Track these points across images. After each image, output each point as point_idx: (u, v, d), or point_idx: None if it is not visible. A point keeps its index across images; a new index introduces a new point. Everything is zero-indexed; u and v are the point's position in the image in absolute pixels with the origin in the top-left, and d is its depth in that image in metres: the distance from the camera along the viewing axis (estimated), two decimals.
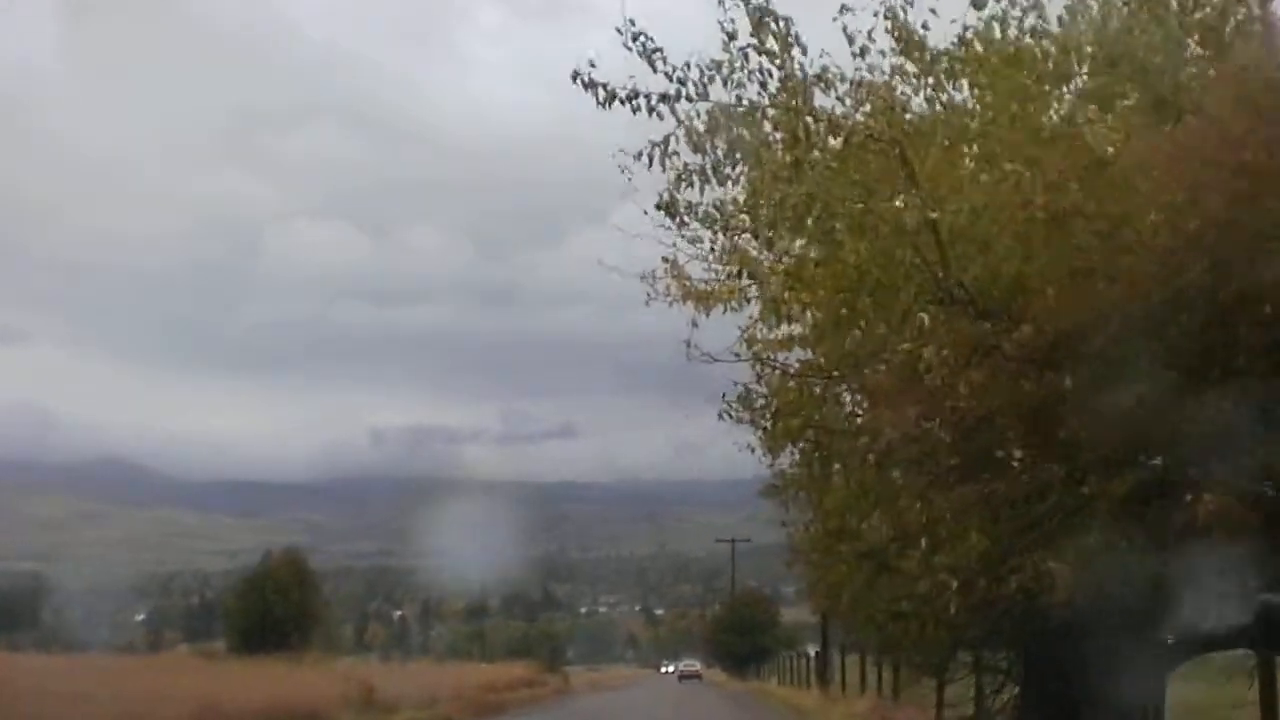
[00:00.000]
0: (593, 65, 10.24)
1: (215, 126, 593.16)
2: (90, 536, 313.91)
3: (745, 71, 10.21)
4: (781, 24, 9.98)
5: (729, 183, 11.12)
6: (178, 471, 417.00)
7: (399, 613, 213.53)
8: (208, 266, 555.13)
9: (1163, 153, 8.51)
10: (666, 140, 10.52)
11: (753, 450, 14.19)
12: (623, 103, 10.19)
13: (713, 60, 10.17)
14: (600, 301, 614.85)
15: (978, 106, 10.58)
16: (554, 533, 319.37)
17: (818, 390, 12.77)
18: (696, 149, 10.47)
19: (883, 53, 10.44)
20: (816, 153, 10.08)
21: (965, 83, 10.61)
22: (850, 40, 10.27)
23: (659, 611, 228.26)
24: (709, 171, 10.68)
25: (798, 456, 13.69)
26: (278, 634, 46.39)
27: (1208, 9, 10.11)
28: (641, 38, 10.12)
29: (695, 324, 12.83)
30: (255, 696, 22.69)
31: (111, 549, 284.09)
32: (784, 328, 12.20)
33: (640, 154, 10.72)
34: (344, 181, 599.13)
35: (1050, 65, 10.21)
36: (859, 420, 11.83)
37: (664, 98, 10.20)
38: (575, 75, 10.28)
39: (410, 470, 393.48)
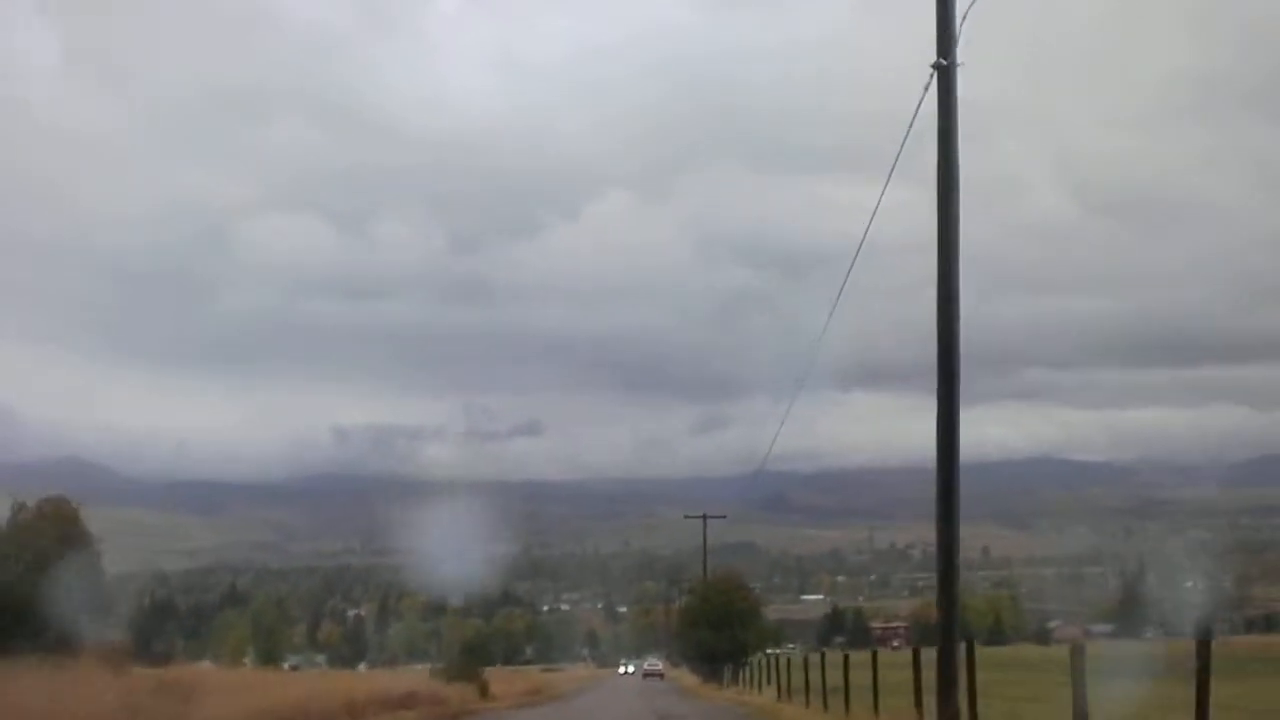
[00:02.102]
0: None
1: (182, 117, 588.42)
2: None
3: None
4: None
5: None
6: (138, 471, 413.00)
7: (353, 611, 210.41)
8: (171, 263, 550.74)
9: None
10: None
11: None
12: None
13: None
14: (567, 298, 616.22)
15: None
16: (518, 530, 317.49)
17: None
18: None
19: None
20: None
21: None
22: None
23: (622, 609, 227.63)
24: None
25: None
26: (31, 625, 31.57)
27: None
28: None
29: None
30: None
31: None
32: None
33: None
34: (309, 174, 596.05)
35: None
36: None
37: None
38: None
39: (374, 469, 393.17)
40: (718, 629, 63.92)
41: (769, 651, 60.33)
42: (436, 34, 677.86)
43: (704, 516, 74.12)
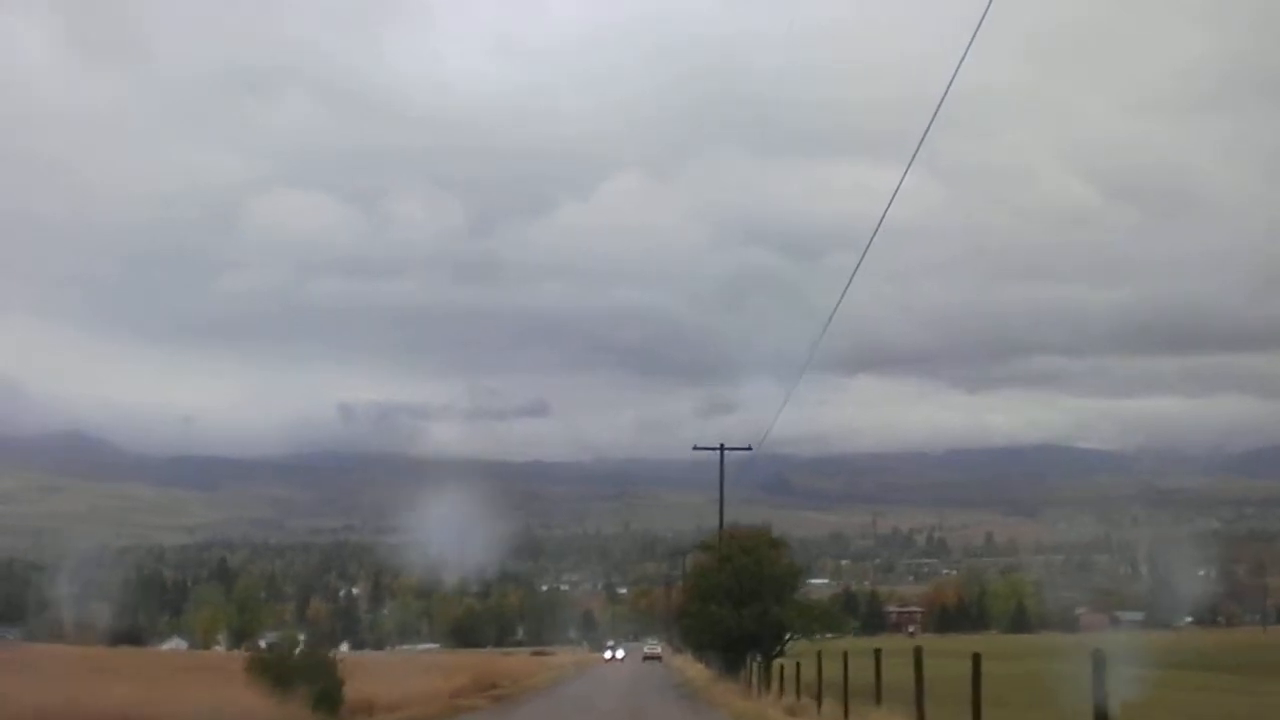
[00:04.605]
0: None
1: (191, 96, 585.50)
2: (47, 510, 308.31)
3: None
4: None
5: None
6: (141, 446, 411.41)
7: (344, 590, 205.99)
8: (178, 238, 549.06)
9: None
10: None
11: None
12: None
13: None
14: (574, 277, 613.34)
15: None
16: (520, 510, 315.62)
17: None
18: None
19: None
20: None
21: None
22: None
23: (622, 590, 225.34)
24: None
25: None
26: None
27: None
28: None
29: None
30: None
31: (68, 523, 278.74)
32: None
33: None
34: (317, 154, 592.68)
35: None
36: None
37: None
38: None
39: (378, 447, 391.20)
40: (741, 603, 42.69)
41: (821, 638, 40.90)
42: (443, 16, 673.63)
43: (720, 447, 53.76)
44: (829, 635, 41.05)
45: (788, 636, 42.06)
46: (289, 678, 22.97)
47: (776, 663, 37.03)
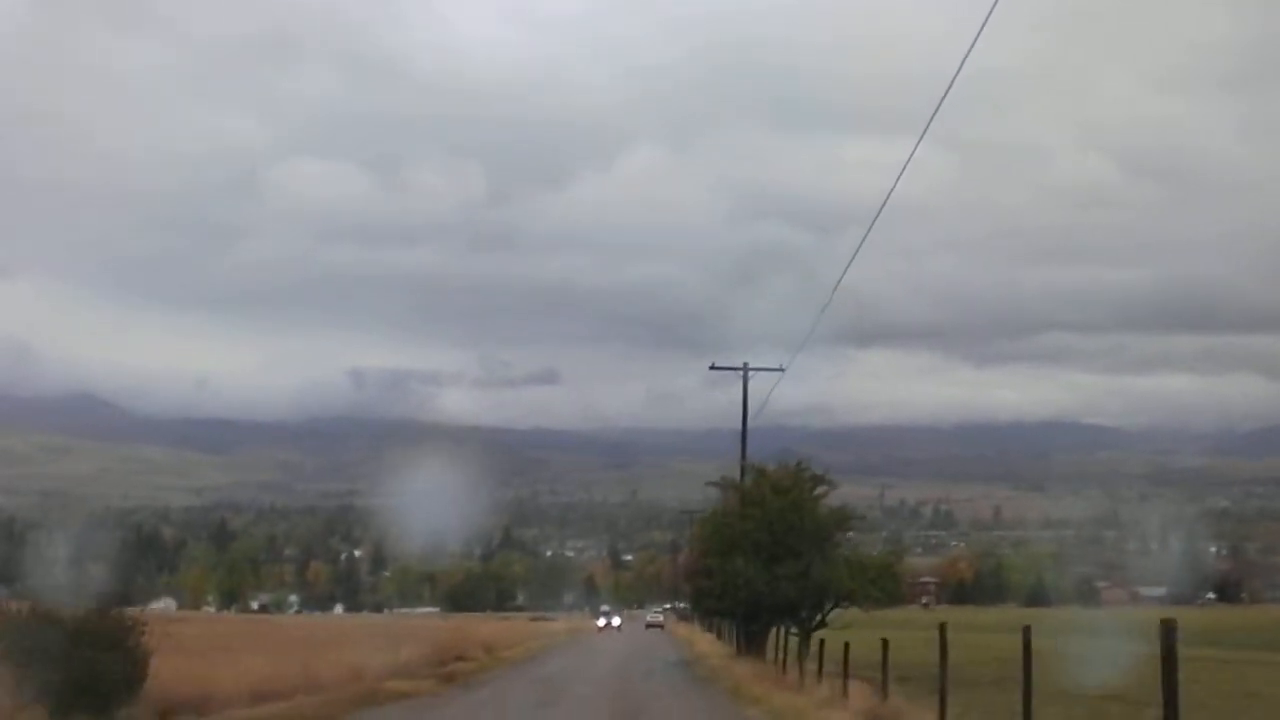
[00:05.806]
0: None
1: (207, 62, 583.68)
2: (54, 471, 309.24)
3: None
4: None
5: None
6: (151, 408, 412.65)
7: (344, 553, 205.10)
8: (192, 203, 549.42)
9: None
10: None
11: None
12: None
13: None
14: (588, 248, 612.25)
15: None
16: (527, 477, 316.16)
17: None
18: None
19: None
20: None
21: None
22: None
23: (628, 557, 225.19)
24: None
25: None
26: None
27: None
28: None
29: None
30: None
31: (76, 484, 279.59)
32: None
33: None
34: (335, 120, 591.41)
35: None
36: None
37: None
38: None
39: (387, 412, 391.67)
40: (775, 559, 32.41)
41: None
42: None
43: (744, 367, 43.24)
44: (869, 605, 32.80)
45: (831, 603, 33.19)
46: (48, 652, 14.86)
47: (821, 637, 28.17)
